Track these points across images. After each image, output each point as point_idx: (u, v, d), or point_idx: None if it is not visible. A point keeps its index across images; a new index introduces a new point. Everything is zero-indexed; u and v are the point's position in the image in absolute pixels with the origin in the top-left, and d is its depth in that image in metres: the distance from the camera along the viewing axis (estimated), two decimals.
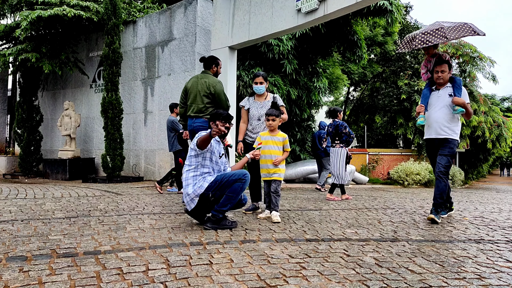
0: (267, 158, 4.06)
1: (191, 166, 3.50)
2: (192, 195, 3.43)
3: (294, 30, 7.54)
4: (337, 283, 2.11)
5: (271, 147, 4.07)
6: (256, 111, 4.58)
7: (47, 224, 3.48)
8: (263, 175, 4.14)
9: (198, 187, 3.42)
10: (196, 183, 3.44)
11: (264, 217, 4.08)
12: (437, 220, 4.04)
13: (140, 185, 8.10)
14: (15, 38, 10.00)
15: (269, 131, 4.14)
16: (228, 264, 2.39)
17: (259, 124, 4.56)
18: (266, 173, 4.11)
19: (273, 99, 4.58)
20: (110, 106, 8.72)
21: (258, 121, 4.56)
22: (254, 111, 4.59)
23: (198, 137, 3.47)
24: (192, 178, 3.47)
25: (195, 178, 3.47)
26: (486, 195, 9.59)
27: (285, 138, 4.13)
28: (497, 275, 2.33)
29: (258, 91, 4.61)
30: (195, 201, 3.43)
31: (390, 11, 9.90)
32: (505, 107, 27.85)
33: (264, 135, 4.14)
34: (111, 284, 1.98)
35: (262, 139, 4.11)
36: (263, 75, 4.60)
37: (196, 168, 3.49)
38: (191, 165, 3.50)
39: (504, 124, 18.51)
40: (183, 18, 8.99)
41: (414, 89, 16.63)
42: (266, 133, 4.15)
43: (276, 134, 4.12)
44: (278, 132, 4.14)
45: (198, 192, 3.41)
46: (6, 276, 2.06)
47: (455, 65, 19.55)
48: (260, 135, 4.17)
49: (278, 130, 4.16)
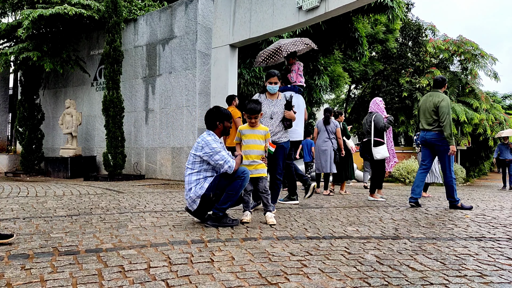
0: (249, 154, 3.81)
1: (194, 170, 3.48)
2: (193, 196, 3.43)
3: (295, 27, 7.52)
4: (338, 280, 2.11)
5: (252, 141, 3.83)
6: (268, 109, 4.39)
7: (49, 222, 3.49)
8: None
9: (199, 188, 3.42)
10: (197, 185, 3.44)
11: (248, 219, 3.69)
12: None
13: (142, 183, 8.11)
14: (16, 37, 10.01)
15: (249, 125, 3.89)
16: (229, 261, 2.39)
17: (272, 123, 4.37)
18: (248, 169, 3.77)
19: (289, 98, 4.41)
20: (111, 104, 8.72)
21: (270, 119, 4.38)
22: (266, 108, 4.38)
23: (224, 158, 3.40)
24: (195, 181, 3.46)
25: (197, 181, 3.46)
26: (488, 193, 9.57)
27: (266, 132, 3.91)
28: (498, 273, 2.32)
29: (272, 91, 4.43)
30: (197, 202, 3.44)
31: (391, 7, 9.86)
32: (507, 105, 27.73)
33: (245, 129, 3.89)
34: (112, 282, 1.99)
35: (242, 133, 3.88)
36: (278, 75, 4.42)
37: (199, 172, 3.48)
38: (194, 169, 3.48)
39: (506, 122, 18.46)
40: (184, 16, 8.98)
41: (415, 87, 16.58)
42: (246, 127, 3.89)
43: (257, 128, 3.89)
44: (259, 125, 3.93)
45: (199, 193, 3.41)
46: (8, 274, 2.06)
47: (456, 62, 19.49)
48: (240, 129, 3.93)
49: (259, 124, 3.94)
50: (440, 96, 5.07)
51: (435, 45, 18.16)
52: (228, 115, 3.65)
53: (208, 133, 3.55)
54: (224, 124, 3.61)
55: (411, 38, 19.33)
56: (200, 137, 3.54)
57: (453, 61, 19.26)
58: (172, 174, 9.03)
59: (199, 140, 3.50)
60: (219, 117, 3.58)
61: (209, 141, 3.45)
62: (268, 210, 3.81)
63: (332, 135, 7.08)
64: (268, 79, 4.43)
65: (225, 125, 3.62)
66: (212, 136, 3.52)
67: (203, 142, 3.45)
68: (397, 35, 18.80)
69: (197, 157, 3.46)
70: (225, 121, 3.61)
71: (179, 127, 8.95)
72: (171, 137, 9.10)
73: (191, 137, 8.70)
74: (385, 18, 10.64)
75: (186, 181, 3.51)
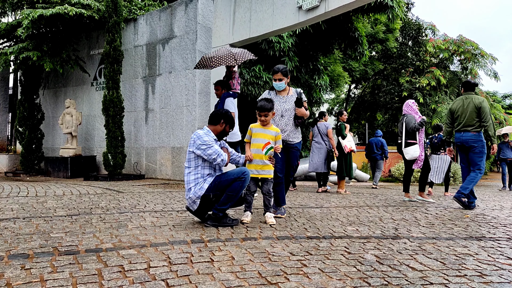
0: (257, 153, 3.69)
1: (191, 167, 3.49)
2: (193, 197, 3.43)
3: (295, 27, 7.53)
4: (338, 280, 2.11)
5: (261, 141, 3.71)
6: (280, 106, 4.18)
7: (49, 222, 3.49)
8: (250, 172, 3.61)
9: (198, 188, 3.42)
10: (196, 185, 3.44)
11: (248, 220, 3.66)
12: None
13: (142, 183, 8.11)
14: (16, 37, 10.00)
15: (260, 124, 3.78)
16: (229, 261, 2.39)
17: (283, 121, 4.18)
18: (253, 169, 3.69)
19: (299, 95, 4.19)
20: (111, 104, 8.72)
21: (281, 117, 4.18)
22: (277, 105, 4.16)
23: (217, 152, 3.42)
24: (194, 180, 3.46)
25: (196, 180, 3.45)
26: (488, 193, 9.57)
27: (278, 133, 3.78)
28: (498, 272, 2.33)
29: (278, 88, 4.24)
30: (197, 202, 3.44)
31: (391, 7, 9.86)
32: (507, 104, 27.75)
33: (255, 128, 3.77)
34: (112, 282, 1.99)
35: (253, 131, 3.76)
36: (283, 71, 4.17)
37: (196, 169, 3.47)
38: (191, 167, 3.49)
39: (506, 121, 18.45)
40: (184, 15, 8.98)
41: (415, 86, 16.58)
42: (258, 126, 3.78)
43: (269, 128, 3.77)
44: (271, 126, 3.81)
45: (199, 194, 3.41)
46: (8, 274, 2.06)
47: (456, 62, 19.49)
48: (251, 127, 3.80)
49: (271, 124, 3.83)
50: (479, 97, 5.33)
51: (435, 44, 18.17)
52: (233, 122, 3.70)
53: (202, 129, 3.59)
54: (226, 128, 3.64)
55: (411, 37, 19.33)
56: (196, 133, 3.55)
57: (453, 60, 19.27)
58: (172, 174, 9.03)
59: (193, 135, 3.53)
60: (226, 119, 3.61)
61: (201, 135, 3.47)
62: (268, 211, 3.79)
63: (325, 136, 7.67)
64: (273, 76, 4.25)
65: (225, 129, 3.65)
66: (204, 130, 3.54)
67: (195, 136, 3.48)
68: (397, 35, 18.80)
69: (191, 153, 3.48)
70: (229, 124, 3.63)
71: (179, 127, 8.95)
72: (171, 137, 9.10)
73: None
74: (385, 17, 10.64)
75: (185, 181, 3.52)
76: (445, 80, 17.75)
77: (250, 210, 3.78)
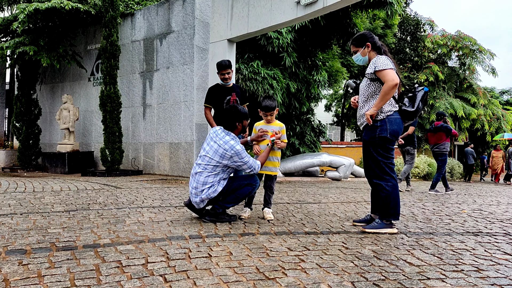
0: (263, 149, 3.70)
1: (212, 172, 3.38)
2: (205, 198, 3.39)
3: (294, 22, 7.49)
4: (335, 275, 2.12)
5: (267, 138, 3.72)
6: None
7: (46, 218, 3.48)
8: None
9: (212, 191, 3.37)
10: (211, 187, 3.37)
11: (247, 216, 3.69)
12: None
13: (139, 178, 8.10)
14: (12, 31, 9.92)
15: (265, 122, 3.81)
16: (227, 256, 2.39)
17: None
18: None
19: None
20: (108, 100, 8.68)
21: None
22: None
23: (251, 166, 3.40)
24: (210, 183, 3.37)
25: (212, 183, 3.37)
26: (485, 188, 9.61)
27: (282, 128, 3.77)
28: (495, 267, 2.34)
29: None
30: (206, 202, 3.43)
31: (390, 3, 9.82)
32: (504, 100, 27.80)
33: (260, 125, 3.83)
34: (110, 277, 1.99)
35: (257, 129, 3.81)
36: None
37: (215, 174, 3.38)
38: (208, 170, 3.38)
39: (503, 117, 18.51)
40: (182, 10, 8.92)
41: (414, 82, 16.58)
42: (262, 123, 3.83)
43: (273, 124, 3.79)
44: (275, 122, 3.82)
45: (212, 196, 3.38)
46: (6, 269, 2.06)
47: (454, 57, 19.50)
48: (256, 126, 3.83)
49: (275, 120, 3.85)
50: None
51: (433, 40, 18.15)
52: (246, 114, 3.56)
53: (230, 137, 3.42)
54: (243, 123, 3.56)
55: (410, 33, 19.32)
56: (223, 140, 3.36)
57: (451, 56, 19.28)
58: (170, 169, 9.02)
59: (226, 147, 3.32)
60: (238, 118, 3.50)
61: (239, 151, 3.33)
62: (267, 207, 3.80)
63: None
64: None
65: (243, 124, 3.57)
66: (235, 140, 3.40)
67: (232, 151, 3.31)
68: (396, 30, 18.77)
69: (220, 164, 3.35)
70: (244, 120, 3.55)
71: (177, 123, 8.93)
72: (169, 133, 9.08)
73: (189, 132, 8.68)
74: (384, 13, 10.60)
75: (197, 180, 3.39)
76: (443, 75, 17.76)
77: (250, 207, 3.79)
